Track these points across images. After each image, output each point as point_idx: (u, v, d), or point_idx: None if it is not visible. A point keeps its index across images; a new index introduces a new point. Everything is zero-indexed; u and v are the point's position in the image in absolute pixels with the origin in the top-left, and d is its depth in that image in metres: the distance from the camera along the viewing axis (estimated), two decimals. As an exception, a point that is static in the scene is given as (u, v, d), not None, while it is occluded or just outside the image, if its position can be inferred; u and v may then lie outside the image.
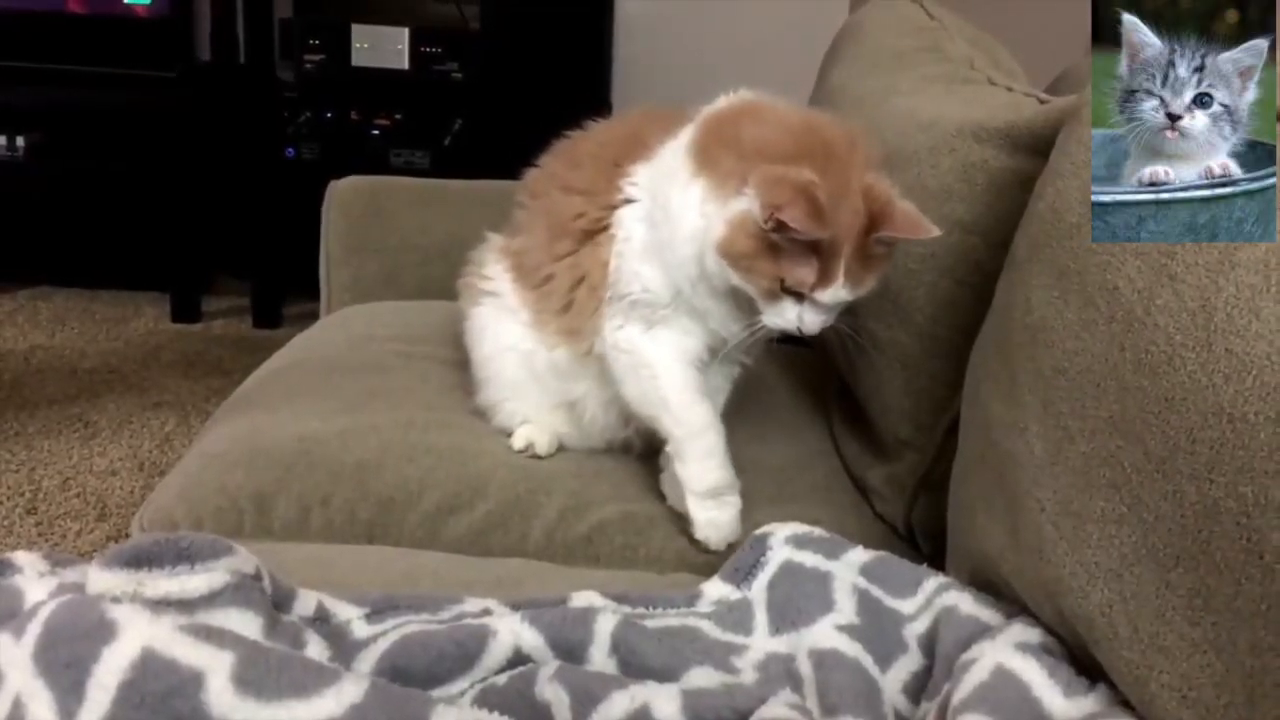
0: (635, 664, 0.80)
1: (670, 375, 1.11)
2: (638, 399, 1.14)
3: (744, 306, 1.06)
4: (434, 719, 0.68)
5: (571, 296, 1.16)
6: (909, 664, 0.85)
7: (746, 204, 0.99)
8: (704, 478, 1.10)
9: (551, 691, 0.73)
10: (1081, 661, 0.78)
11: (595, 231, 1.14)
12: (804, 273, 0.99)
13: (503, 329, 1.23)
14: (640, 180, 1.12)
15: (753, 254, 0.99)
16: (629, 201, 1.12)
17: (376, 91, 2.89)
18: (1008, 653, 0.76)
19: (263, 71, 2.88)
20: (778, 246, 0.98)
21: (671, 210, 1.06)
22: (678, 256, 1.06)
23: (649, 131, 1.14)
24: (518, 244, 1.23)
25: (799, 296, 1.01)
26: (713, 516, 1.10)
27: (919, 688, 0.83)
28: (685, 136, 1.09)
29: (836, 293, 1.00)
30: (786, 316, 1.02)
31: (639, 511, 1.17)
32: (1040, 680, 0.74)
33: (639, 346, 1.12)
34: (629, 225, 1.11)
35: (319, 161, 2.86)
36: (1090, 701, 0.72)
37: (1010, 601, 0.87)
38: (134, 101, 2.89)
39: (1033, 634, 0.79)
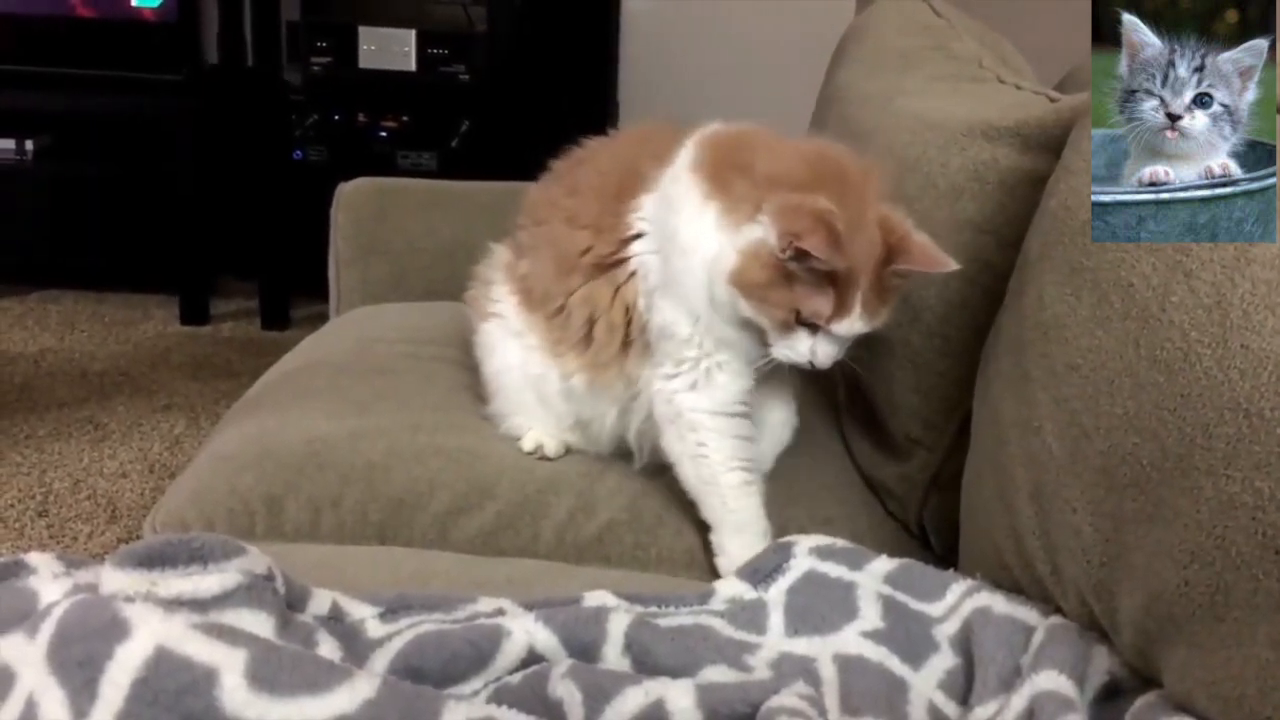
0: (649, 663, 0.80)
1: (720, 445, 1.08)
2: (683, 469, 1.10)
3: (756, 338, 1.04)
4: (445, 715, 0.68)
5: (589, 331, 1.13)
6: (942, 662, 0.84)
7: (761, 232, 0.97)
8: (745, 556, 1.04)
9: (564, 689, 0.73)
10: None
11: (605, 266, 1.11)
12: (820, 303, 0.97)
13: (510, 348, 1.22)
14: (647, 213, 1.09)
15: (767, 284, 0.97)
16: (639, 236, 1.09)
17: (383, 93, 2.89)
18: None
19: (270, 74, 2.89)
20: (793, 276, 0.96)
21: (681, 238, 1.03)
22: (696, 282, 1.03)
23: (644, 159, 1.10)
24: (523, 268, 1.21)
25: (813, 328, 0.99)
26: None
27: (957, 685, 0.83)
28: (685, 159, 1.06)
29: (853, 324, 0.99)
30: (799, 349, 1.00)
31: (648, 510, 1.16)
32: None
33: (685, 406, 1.08)
34: (645, 260, 1.08)
35: (326, 163, 2.87)
36: None
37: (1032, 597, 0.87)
38: (141, 104, 2.90)
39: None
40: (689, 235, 1.03)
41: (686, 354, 1.07)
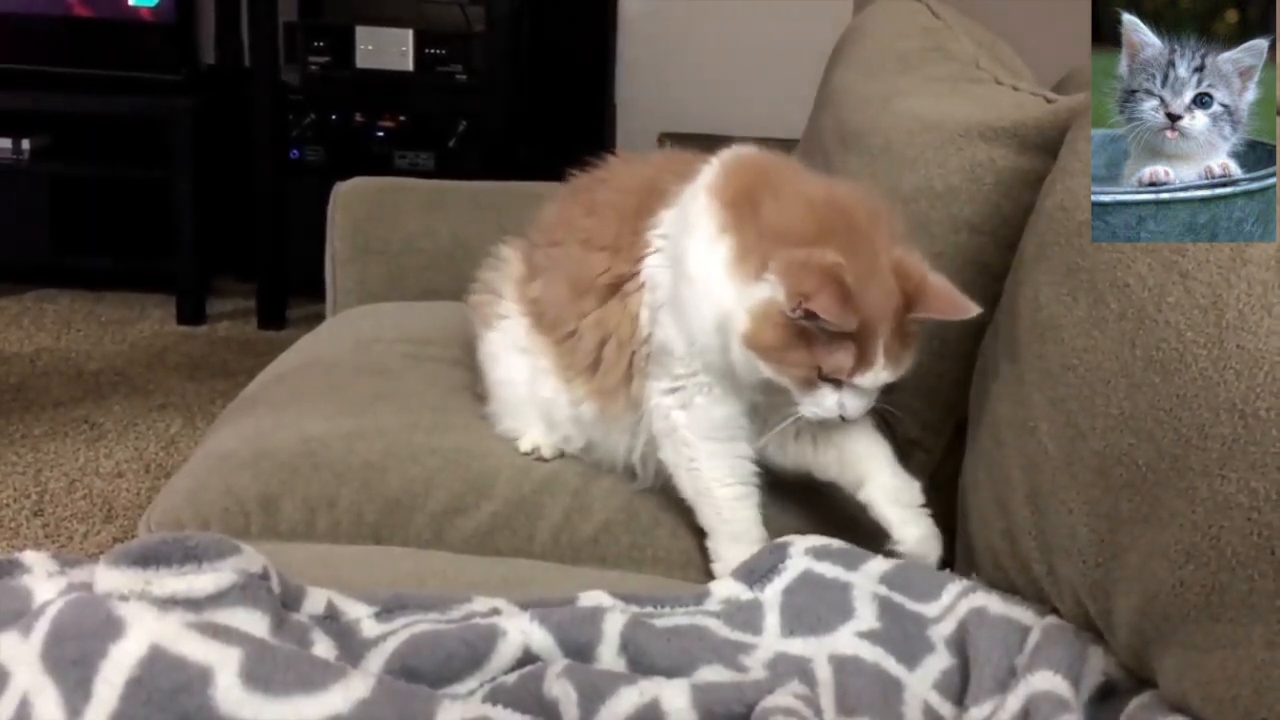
0: (644, 663, 0.80)
1: (713, 464, 1.07)
2: (679, 479, 1.09)
3: (773, 394, 1.01)
4: (440, 715, 0.68)
5: (599, 354, 1.12)
6: (937, 662, 0.85)
7: (769, 291, 0.94)
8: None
9: (559, 689, 0.73)
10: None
11: (619, 286, 1.09)
12: (841, 358, 0.94)
13: (515, 362, 1.21)
14: (667, 229, 1.07)
15: (783, 344, 0.94)
16: (656, 252, 1.07)
17: (381, 93, 2.89)
18: None
19: (267, 74, 2.88)
20: (810, 334, 0.93)
21: (688, 263, 1.01)
22: (695, 309, 1.01)
23: (668, 176, 1.09)
24: (535, 290, 1.19)
25: (837, 383, 0.96)
26: None
27: (952, 685, 0.83)
28: (706, 177, 1.04)
29: (878, 375, 0.95)
30: (826, 405, 0.97)
31: (644, 511, 1.16)
32: None
33: (679, 422, 1.07)
34: (655, 275, 1.07)
35: (324, 163, 2.87)
36: None
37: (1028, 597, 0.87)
38: (139, 104, 2.90)
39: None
40: (696, 264, 1.00)
41: (678, 370, 1.06)
